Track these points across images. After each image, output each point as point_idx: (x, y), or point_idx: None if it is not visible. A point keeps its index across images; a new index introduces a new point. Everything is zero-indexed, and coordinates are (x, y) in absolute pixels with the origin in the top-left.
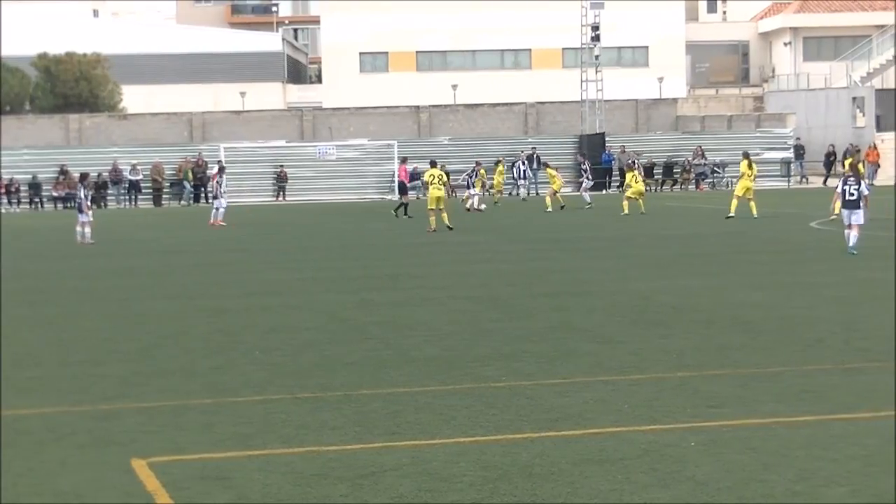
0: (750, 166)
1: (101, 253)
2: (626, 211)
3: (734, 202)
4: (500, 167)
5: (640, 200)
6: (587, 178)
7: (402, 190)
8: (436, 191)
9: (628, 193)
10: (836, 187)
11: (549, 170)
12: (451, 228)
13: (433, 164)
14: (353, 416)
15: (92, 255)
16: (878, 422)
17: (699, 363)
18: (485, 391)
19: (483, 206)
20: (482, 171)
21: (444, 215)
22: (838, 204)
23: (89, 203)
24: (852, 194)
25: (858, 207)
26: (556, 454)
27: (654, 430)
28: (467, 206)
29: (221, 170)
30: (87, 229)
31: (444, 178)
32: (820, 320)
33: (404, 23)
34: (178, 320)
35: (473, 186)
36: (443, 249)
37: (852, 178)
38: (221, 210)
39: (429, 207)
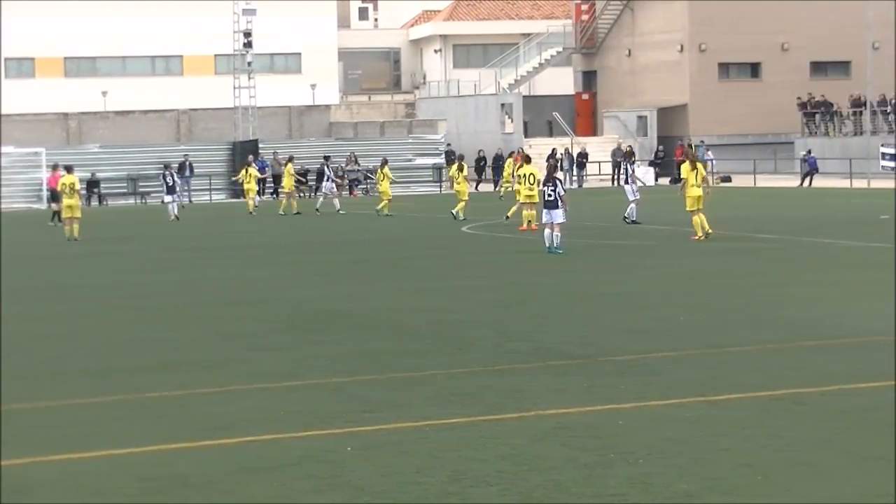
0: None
1: None
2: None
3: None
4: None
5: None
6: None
7: (55, 198)
8: (67, 199)
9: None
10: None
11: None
12: (76, 240)
13: (69, 170)
14: (4, 432)
15: None
16: (524, 422)
17: (354, 368)
18: (139, 402)
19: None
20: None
21: (76, 227)
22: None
23: None
24: (550, 195)
25: (557, 207)
26: (212, 463)
27: (310, 436)
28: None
29: None
30: None
31: (76, 187)
32: (472, 323)
33: (51, 28)
34: None
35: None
36: (101, 260)
37: (551, 181)
38: None
39: (64, 216)
